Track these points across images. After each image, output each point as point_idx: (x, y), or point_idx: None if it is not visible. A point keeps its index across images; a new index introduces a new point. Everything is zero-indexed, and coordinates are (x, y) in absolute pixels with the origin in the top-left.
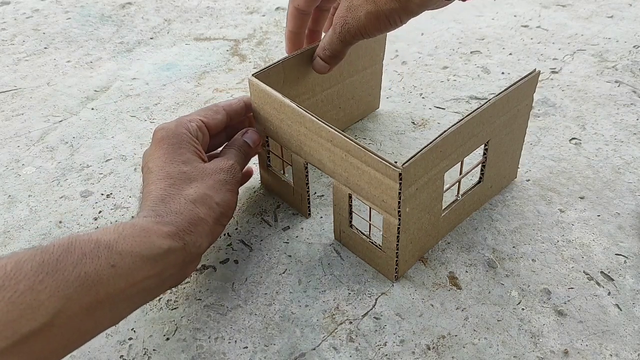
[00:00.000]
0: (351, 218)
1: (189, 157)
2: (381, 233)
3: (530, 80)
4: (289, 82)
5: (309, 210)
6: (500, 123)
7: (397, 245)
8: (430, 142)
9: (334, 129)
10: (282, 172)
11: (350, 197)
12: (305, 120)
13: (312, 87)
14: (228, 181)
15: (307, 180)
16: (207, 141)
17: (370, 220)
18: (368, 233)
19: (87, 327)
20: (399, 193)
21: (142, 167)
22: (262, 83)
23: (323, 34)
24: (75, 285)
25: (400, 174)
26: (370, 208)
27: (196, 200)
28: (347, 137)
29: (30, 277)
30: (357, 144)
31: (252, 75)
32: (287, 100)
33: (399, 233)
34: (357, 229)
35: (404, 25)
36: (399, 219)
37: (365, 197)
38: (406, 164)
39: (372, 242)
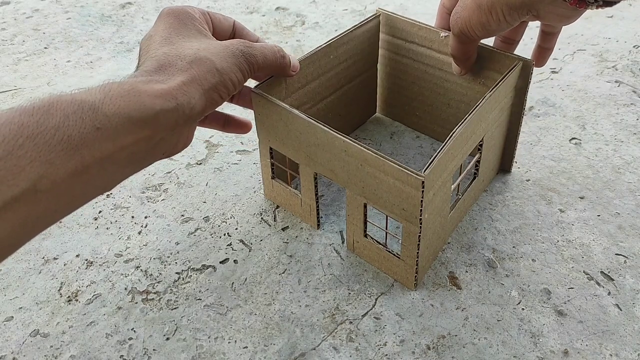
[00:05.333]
0: (366, 228)
1: (196, 31)
2: (399, 241)
3: (514, 73)
4: (290, 92)
5: (319, 222)
6: (492, 118)
7: (418, 253)
8: (444, 145)
9: (349, 139)
10: (287, 183)
11: (365, 206)
12: (317, 130)
13: (313, 96)
14: (236, 54)
15: (317, 191)
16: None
17: (386, 228)
18: (384, 242)
19: (75, 192)
20: (421, 201)
21: (142, 42)
22: (265, 94)
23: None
24: (57, 150)
25: (422, 182)
26: (387, 217)
27: (193, 61)
28: (363, 147)
29: (9, 141)
30: (374, 153)
31: (255, 87)
32: (295, 111)
33: (419, 241)
34: (372, 238)
35: (512, 28)
36: (420, 227)
37: (383, 206)
38: (427, 171)
39: (389, 251)
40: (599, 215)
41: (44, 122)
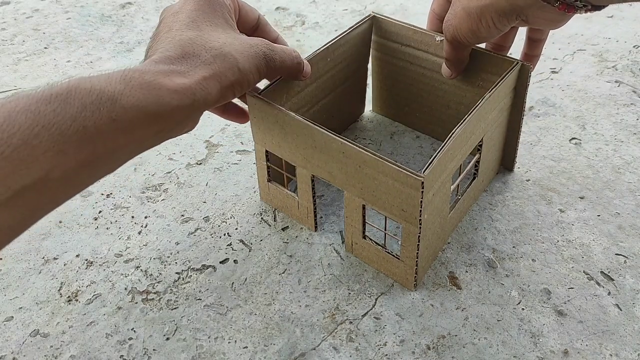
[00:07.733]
0: (364, 229)
1: (224, 21)
2: (399, 242)
3: (513, 75)
4: (290, 97)
5: (316, 224)
6: (491, 118)
7: (417, 253)
8: (443, 145)
9: (347, 140)
10: (284, 186)
11: (364, 208)
12: (314, 132)
13: (310, 99)
14: (259, 56)
15: (314, 193)
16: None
17: (385, 229)
18: (383, 243)
19: (82, 179)
20: (421, 201)
21: (165, 12)
22: (259, 96)
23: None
24: (72, 140)
25: (422, 183)
26: (386, 218)
27: (217, 56)
28: (362, 148)
29: (25, 130)
30: (373, 154)
31: (258, 92)
32: (292, 114)
33: (419, 241)
34: (370, 239)
35: (503, 34)
36: (420, 227)
37: (382, 208)
38: (426, 171)
39: (388, 252)
40: (599, 215)
41: (61, 112)
